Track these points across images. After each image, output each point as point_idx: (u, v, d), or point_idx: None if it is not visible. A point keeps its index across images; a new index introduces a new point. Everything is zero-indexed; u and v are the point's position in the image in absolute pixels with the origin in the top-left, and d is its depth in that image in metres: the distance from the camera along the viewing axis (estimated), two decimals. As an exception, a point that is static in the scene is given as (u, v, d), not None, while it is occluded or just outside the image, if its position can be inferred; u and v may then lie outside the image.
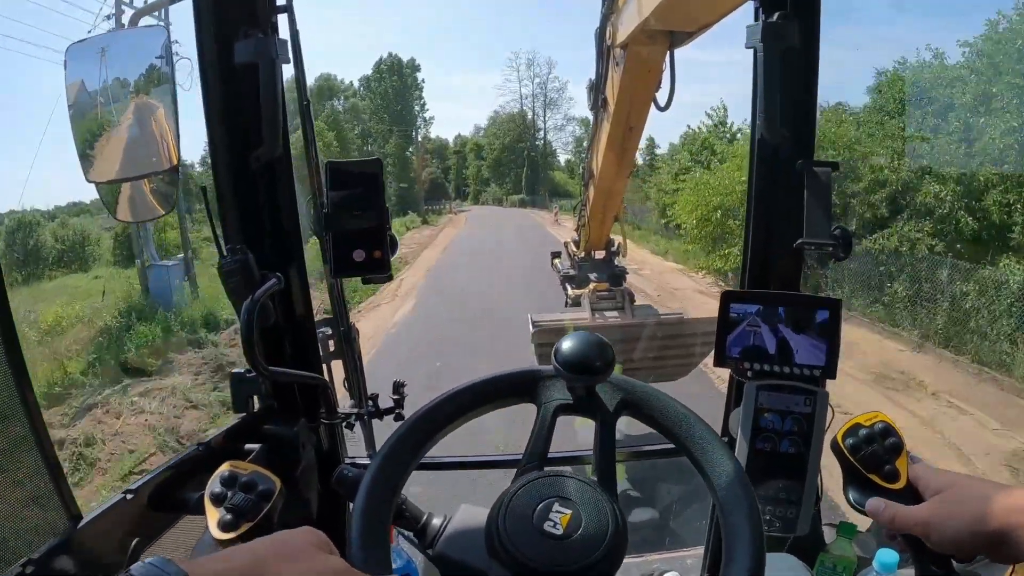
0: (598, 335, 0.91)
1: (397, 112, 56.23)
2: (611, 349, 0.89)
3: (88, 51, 1.16)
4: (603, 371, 0.88)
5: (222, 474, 1.04)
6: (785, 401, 1.27)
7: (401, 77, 57.15)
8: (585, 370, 0.88)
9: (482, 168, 62.00)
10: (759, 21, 1.29)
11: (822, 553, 1.27)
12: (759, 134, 1.35)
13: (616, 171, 5.54)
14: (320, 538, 0.70)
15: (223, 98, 1.25)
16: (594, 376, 0.89)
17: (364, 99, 56.07)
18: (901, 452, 0.94)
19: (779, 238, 1.40)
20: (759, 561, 0.76)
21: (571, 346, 0.88)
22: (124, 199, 1.27)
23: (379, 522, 0.79)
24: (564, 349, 0.88)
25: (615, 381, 0.92)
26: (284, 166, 1.32)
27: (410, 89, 57.77)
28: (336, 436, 1.55)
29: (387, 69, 57.12)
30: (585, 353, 0.87)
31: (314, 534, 0.70)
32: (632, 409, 0.92)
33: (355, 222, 1.33)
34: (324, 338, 1.52)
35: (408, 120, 57.12)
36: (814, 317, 1.28)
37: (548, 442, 0.89)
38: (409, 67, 58.04)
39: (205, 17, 1.22)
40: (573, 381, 0.89)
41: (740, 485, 0.81)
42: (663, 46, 3.92)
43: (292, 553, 0.66)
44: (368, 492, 0.80)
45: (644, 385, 0.94)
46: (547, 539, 0.75)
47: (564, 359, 0.87)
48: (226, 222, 1.31)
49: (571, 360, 0.87)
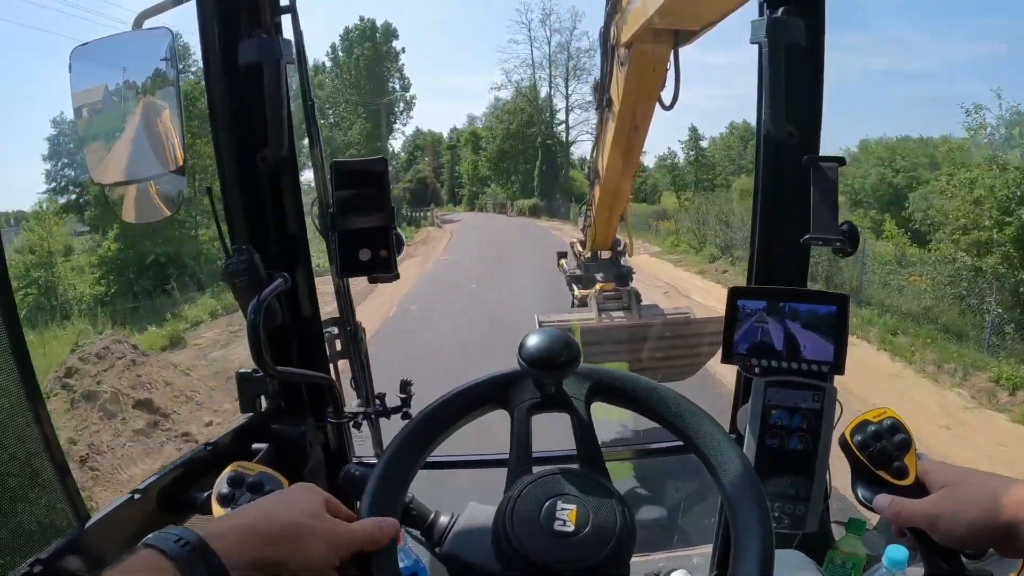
0: (562, 331, 0.90)
1: (368, 91, 44.35)
2: (576, 344, 0.88)
3: (93, 53, 1.17)
4: (569, 365, 0.87)
5: (229, 475, 1.04)
6: (793, 397, 1.26)
7: (375, 44, 44.73)
8: (551, 365, 0.86)
9: (479, 163, 47.44)
10: (763, 16, 1.29)
11: (831, 550, 1.27)
12: (765, 130, 1.35)
13: (622, 170, 5.56)
14: (320, 493, 0.76)
15: (228, 99, 1.26)
16: (560, 371, 0.87)
17: (331, 75, 44.83)
18: (910, 448, 0.93)
19: (786, 234, 1.40)
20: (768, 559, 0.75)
21: (535, 343, 0.87)
22: (130, 200, 1.27)
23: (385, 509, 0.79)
24: (529, 346, 0.87)
25: (581, 371, 0.91)
26: (289, 166, 1.33)
27: (385, 61, 45.41)
28: (343, 436, 1.55)
29: (358, 36, 44.97)
30: (549, 348, 0.86)
31: (314, 490, 0.76)
32: (604, 394, 0.92)
33: (361, 221, 1.34)
34: (331, 337, 1.53)
35: (383, 98, 44.45)
36: (822, 312, 1.27)
37: (529, 443, 0.88)
38: (384, 33, 45.20)
39: (209, 18, 1.23)
40: (541, 378, 0.88)
41: (742, 469, 0.81)
42: (667, 45, 3.93)
43: (297, 503, 0.72)
44: (375, 491, 0.80)
45: (609, 369, 0.93)
46: (556, 537, 0.75)
47: (529, 356, 0.86)
48: (232, 222, 1.31)
49: (536, 356, 0.86)
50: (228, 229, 1.30)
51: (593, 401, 0.91)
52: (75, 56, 1.14)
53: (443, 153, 52.64)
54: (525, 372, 0.88)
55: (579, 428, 0.90)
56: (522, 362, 0.86)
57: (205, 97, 1.28)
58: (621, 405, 0.93)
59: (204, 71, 1.25)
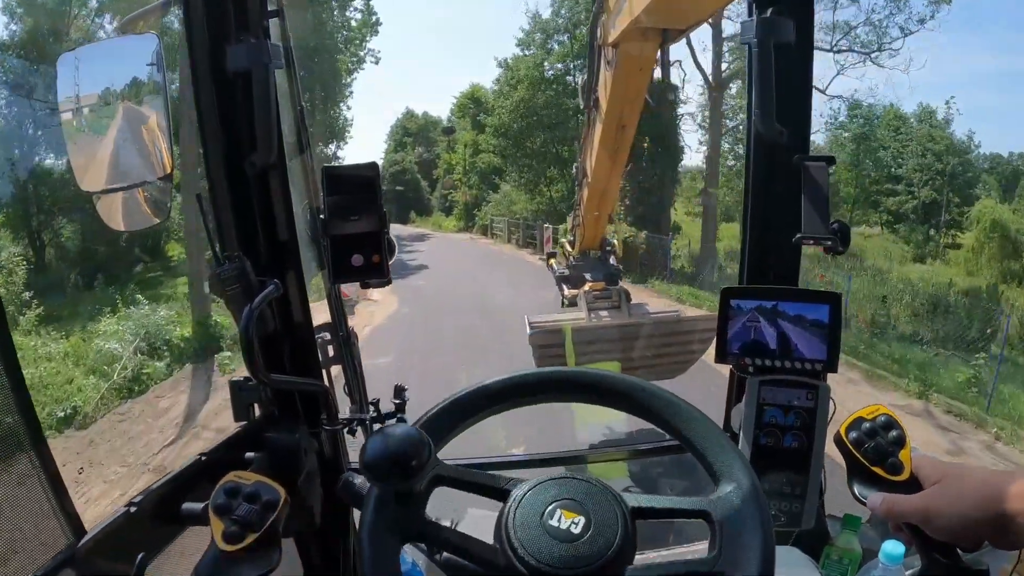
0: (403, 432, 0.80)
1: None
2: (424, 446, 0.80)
3: (80, 60, 1.15)
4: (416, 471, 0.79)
5: (225, 485, 1.03)
6: (787, 396, 1.27)
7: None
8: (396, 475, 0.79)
9: (479, 145, 27.89)
10: (753, 17, 1.29)
11: (828, 546, 1.27)
12: (755, 130, 1.36)
13: (610, 170, 5.59)
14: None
15: (216, 104, 1.25)
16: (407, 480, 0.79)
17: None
18: (904, 444, 0.94)
19: (777, 233, 1.40)
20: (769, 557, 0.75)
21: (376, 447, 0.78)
22: (118, 208, 1.26)
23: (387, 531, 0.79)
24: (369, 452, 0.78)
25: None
26: (279, 171, 1.32)
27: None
28: (338, 443, 1.54)
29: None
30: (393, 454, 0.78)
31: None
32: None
33: (352, 227, 1.34)
34: (323, 343, 1.52)
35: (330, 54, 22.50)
36: (814, 311, 1.28)
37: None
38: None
39: (196, 23, 1.22)
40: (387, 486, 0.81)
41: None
42: (654, 43, 3.95)
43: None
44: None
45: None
46: (558, 542, 0.75)
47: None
48: (222, 230, 1.30)
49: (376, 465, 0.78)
50: (218, 236, 1.29)
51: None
52: (62, 62, 1.13)
53: (437, 141, 37.38)
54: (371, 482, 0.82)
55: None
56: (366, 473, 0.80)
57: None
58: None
59: (191, 76, 1.23)
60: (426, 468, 0.79)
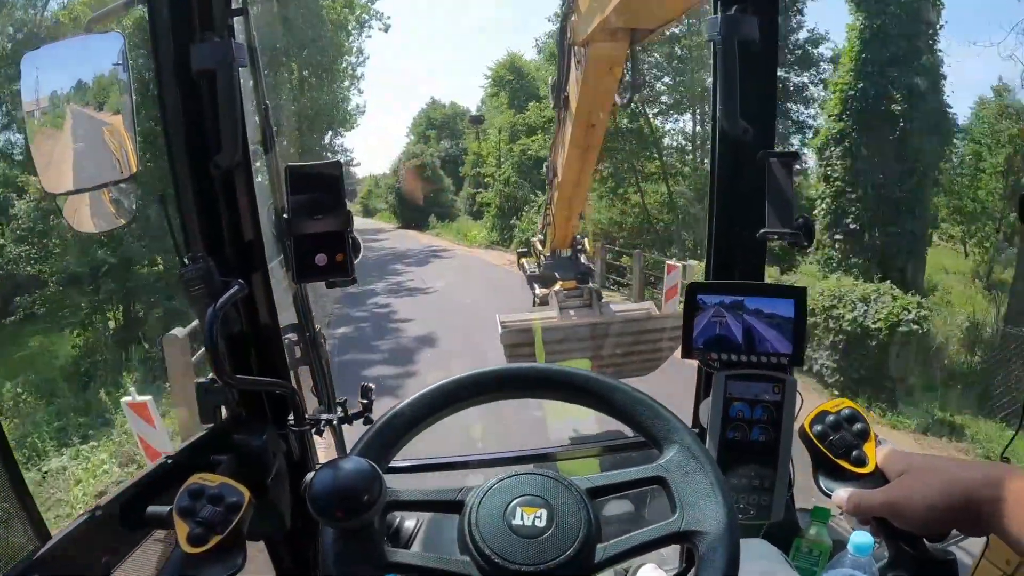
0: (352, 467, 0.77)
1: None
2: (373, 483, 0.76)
3: (43, 60, 1.14)
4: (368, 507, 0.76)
5: (190, 487, 1.02)
6: (753, 390, 1.29)
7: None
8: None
9: (518, 125, 22.73)
10: (718, 14, 1.31)
11: (797, 538, 1.29)
12: (720, 127, 1.37)
13: (580, 168, 5.61)
14: None
15: (180, 103, 1.23)
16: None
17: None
18: (869, 437, 0.95)
19: (742, 229, 1.42)
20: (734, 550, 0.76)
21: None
22: (84, 209, 1.24)
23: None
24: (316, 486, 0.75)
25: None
26: (244, 171, 1.30)
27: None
28: (306, 443, 1.52)
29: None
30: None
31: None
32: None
33: (316, 226, 1.33)
34: (290, 344, 1.50)
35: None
36: (780, 306, 1.29)
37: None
38: None
39: (160, 22, 1.20)
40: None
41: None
42: (624, 43, 3.97)
43: None
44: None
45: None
46: (528, 539, 0.75)
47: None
48: (186, 230, 1.28)
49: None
50: (183, 236, 1.27)
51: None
52: (26, 62, 1.11)
53: (464, 133, 31.44)
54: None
55: None
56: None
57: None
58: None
59: (155, 75, 1.21)
60: (378, 502, 0.76)
